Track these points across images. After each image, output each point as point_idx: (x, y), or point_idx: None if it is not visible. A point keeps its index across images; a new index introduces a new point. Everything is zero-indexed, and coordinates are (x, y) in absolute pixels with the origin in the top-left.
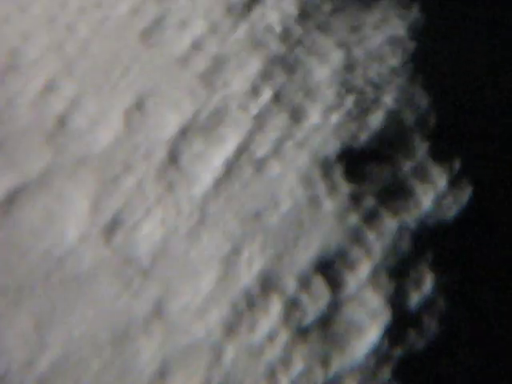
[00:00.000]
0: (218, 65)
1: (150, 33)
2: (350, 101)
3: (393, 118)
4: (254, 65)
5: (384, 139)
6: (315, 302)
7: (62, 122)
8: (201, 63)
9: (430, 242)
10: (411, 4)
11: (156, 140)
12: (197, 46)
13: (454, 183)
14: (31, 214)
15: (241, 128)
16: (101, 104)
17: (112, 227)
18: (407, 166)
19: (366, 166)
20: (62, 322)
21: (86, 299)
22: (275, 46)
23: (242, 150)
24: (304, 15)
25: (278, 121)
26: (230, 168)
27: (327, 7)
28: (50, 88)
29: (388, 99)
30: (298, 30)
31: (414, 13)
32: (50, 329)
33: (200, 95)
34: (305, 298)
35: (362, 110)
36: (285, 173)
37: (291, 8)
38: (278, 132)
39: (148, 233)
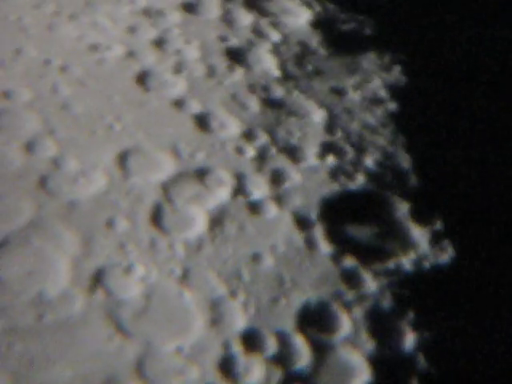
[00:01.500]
0: (199, 124)
1: (137, 87)
2: (330, 162)
3: (373, 179)
4: (236, 125)
5: (365, 200)
6: (296, 361)
7: (43, 179)
8: (183, 122)
9: (410, 302)
10: (392, 66)
11: (145, 188)
12: (179, 104)
13: (434, 244)
14: (21, 261)
15: (223, 187)
16: (84, 160)
17: (97, 279)
18: (387, 226)
19: (347, 227)
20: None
21: (75, 343)
22: (257, 107)
23: (225, 207)
24: (285, 77)
25: (260, 181)
26: (212, 227)
27: (309, 69)
28: (31, 147)
29: (368, 160)
30: (279, 91)
31: (395, 74)
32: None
33: (181, 157)
34: (286, 356)
35: (343, 170)
36: (266, 233)
37: (273, 69)
38: (259, 192)
39: (131, 289)
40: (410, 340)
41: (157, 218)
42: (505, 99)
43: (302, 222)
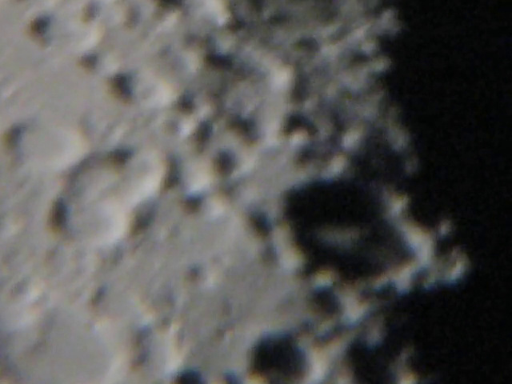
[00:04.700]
0: (117, 90)
1: (33, 39)
2: (297, 141)
3: (356, 165)
4: (168, 91)
5: (343, 194)
6: None
7: None
8: (96, 86)
9: (406, 335)
10: (381, 11)
11: (43, 178)
12: (89, 62)
13: (439, 253)
14: None
15: (150, 177)
16: None
17: None
18: (375, 230)
19: (319, 232)
20: None
21: None
22: (196, 66)
23: (153, 204)
24: (236, 25)
25: (200, 168)
26: (134, 231)
27: (268, 14)
28: None
29: (349, 139)
30: (226, 44)
31: (385, 22)
32: None
33: (93, 134)
34: None
35: (314, 153)
36: (209, 239)
37: (219, 14)
38: (199, 183)
39: (23, 316)
40: None
41: (59, 218)
42: None
43: (258, 225)
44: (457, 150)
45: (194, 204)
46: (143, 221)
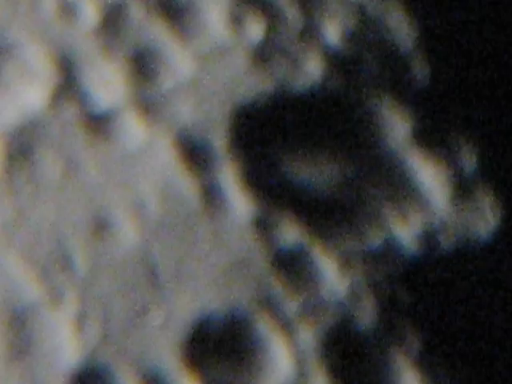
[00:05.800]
0: None
1: None
2: (252, 33)
3: (339, 68)
4: None
5: (320, 109)
6: None
7: None
8: None
9: (409, 313)
10: None
11: None
12: None
13: (461, 196)
14: None
15: (34, 83)
16: None
17: None
18: (367, 162)
19: (284, 164)
20: None
21: None
22: None
23: (37, 127)
24: None
25: (108, 71)
26: (14, 157)
27: None
28: None
29: (330, 30)
30: None
31: None
32: None
33: None
34: None
35: (278, 51)
36: (121, 176)
37: None
38: (106, 94)
39: None
40: None
41: None
42: None
43: (195, 155)
44: (486, 48)
45: (99, 124)
46: (23, 148)
